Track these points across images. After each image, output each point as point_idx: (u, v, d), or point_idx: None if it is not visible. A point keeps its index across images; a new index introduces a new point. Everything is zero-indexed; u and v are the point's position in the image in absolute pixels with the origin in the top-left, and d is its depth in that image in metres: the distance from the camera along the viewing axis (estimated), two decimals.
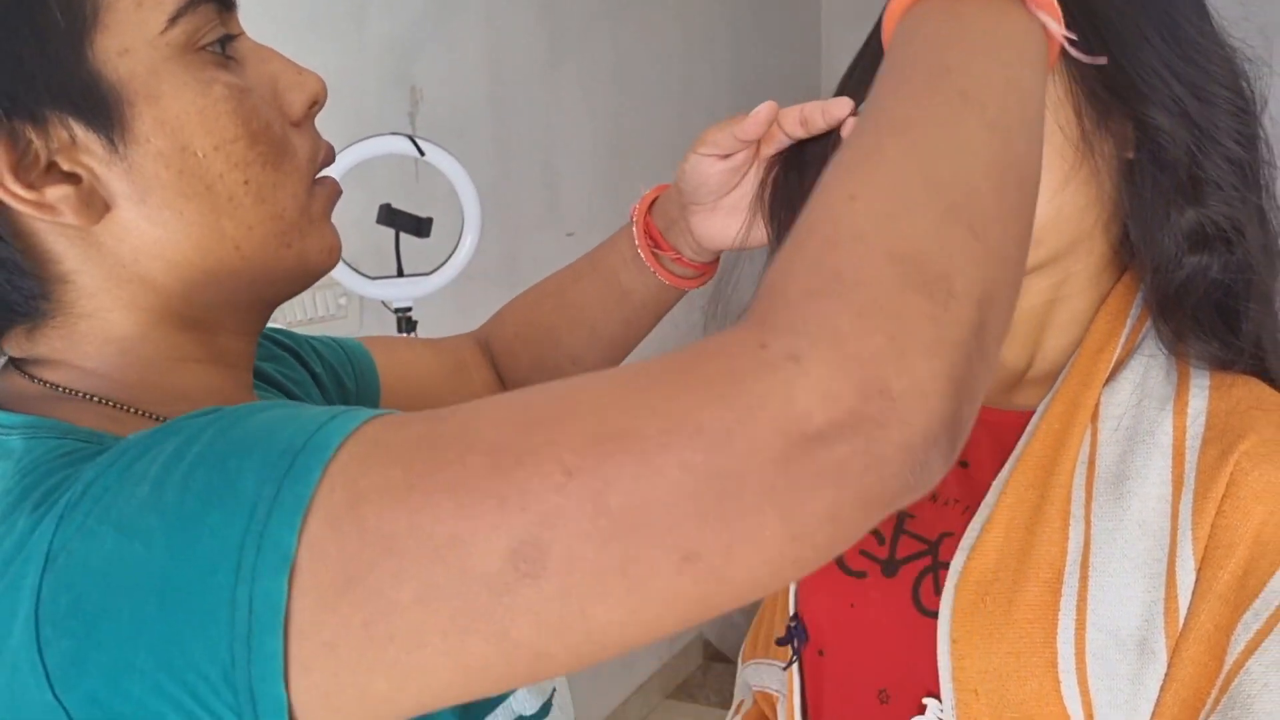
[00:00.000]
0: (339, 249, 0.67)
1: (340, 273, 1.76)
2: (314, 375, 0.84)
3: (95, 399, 0.59)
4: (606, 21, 2.94)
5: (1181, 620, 0.74)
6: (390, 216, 1.79)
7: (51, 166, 0.55)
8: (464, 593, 0.42)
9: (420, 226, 1.78)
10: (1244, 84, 0.81)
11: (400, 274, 1.80)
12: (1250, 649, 0.73)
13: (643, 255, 0.93)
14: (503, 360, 1.02)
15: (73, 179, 0.56)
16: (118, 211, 0.57)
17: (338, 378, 0.86)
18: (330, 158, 0.68)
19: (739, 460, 0.41)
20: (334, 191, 0.67)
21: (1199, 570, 0.74)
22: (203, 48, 0.58)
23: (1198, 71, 0.78)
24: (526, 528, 0.42)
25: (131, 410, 0.60)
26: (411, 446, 0.45)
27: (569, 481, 0.42)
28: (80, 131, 0.55)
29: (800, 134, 0.83)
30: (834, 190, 0.47)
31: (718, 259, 0.95)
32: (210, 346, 0.64)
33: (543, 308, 1.01)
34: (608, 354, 0.98)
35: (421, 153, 1.72)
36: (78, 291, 0.59)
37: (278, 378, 0.79)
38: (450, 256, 1.84)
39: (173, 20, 0.56)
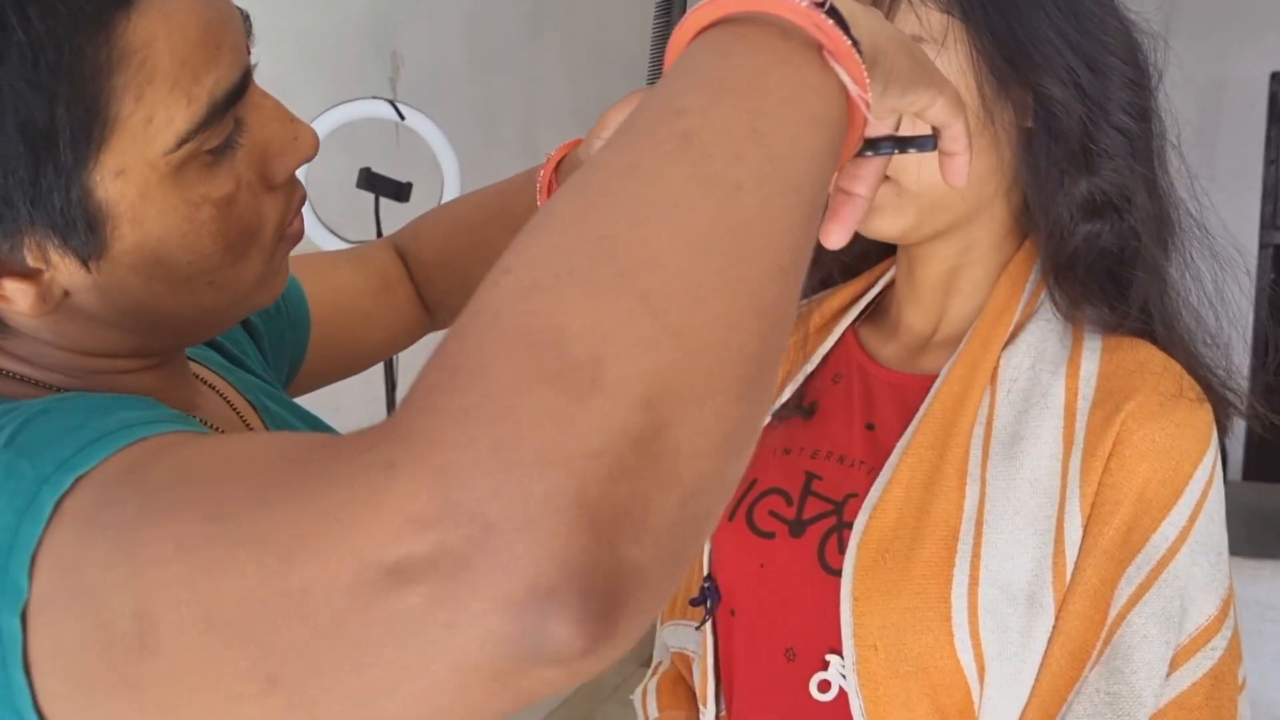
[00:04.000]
0: (285, 283, 0.66)
1: (320, 236, 1.77)
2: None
3: (35, 383, 0.59)
4: None
5: (1069, 575, 0.77)
6: (370, 181, 1.80)
7: (12, 260, 0.52)
8: (107, 649, 0.39)
9: (400, 191, 1.79)
10: (1139, 56, 0.82)
11: (380, 238, 1.81)
12: (1132, 602, 0.76)
13: None
14: (420, 279, 1.00)
15: (33, 274, 0.53)
16: (74, 297, 0.55)
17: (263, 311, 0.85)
18: (302, 201, 0.65)
19: (310, 579, 0.34)
20: (296, 239, 0.65)
21: (1086, 527, 0.77)
22: (206, 151, 0.55)
23: (1093, 43, 0.79)
24: (141, 596, 0.38)
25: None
26: (127, 493, 0.42)
27: (176, 555, 0.37)
28: (55, 249, 0.52)
29: None
30: (497, 263, 0.37)
31: None
32: (150, 360, 0.64)
33: (458, 241, 0.98)
34: None
35: (402, 117, 1.73)
36: (20, 334, 0.58)
37: None
38: None
39: (182, 141, 0.53)
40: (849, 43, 0.45)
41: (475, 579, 0.31)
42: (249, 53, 0.58)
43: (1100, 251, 0.82)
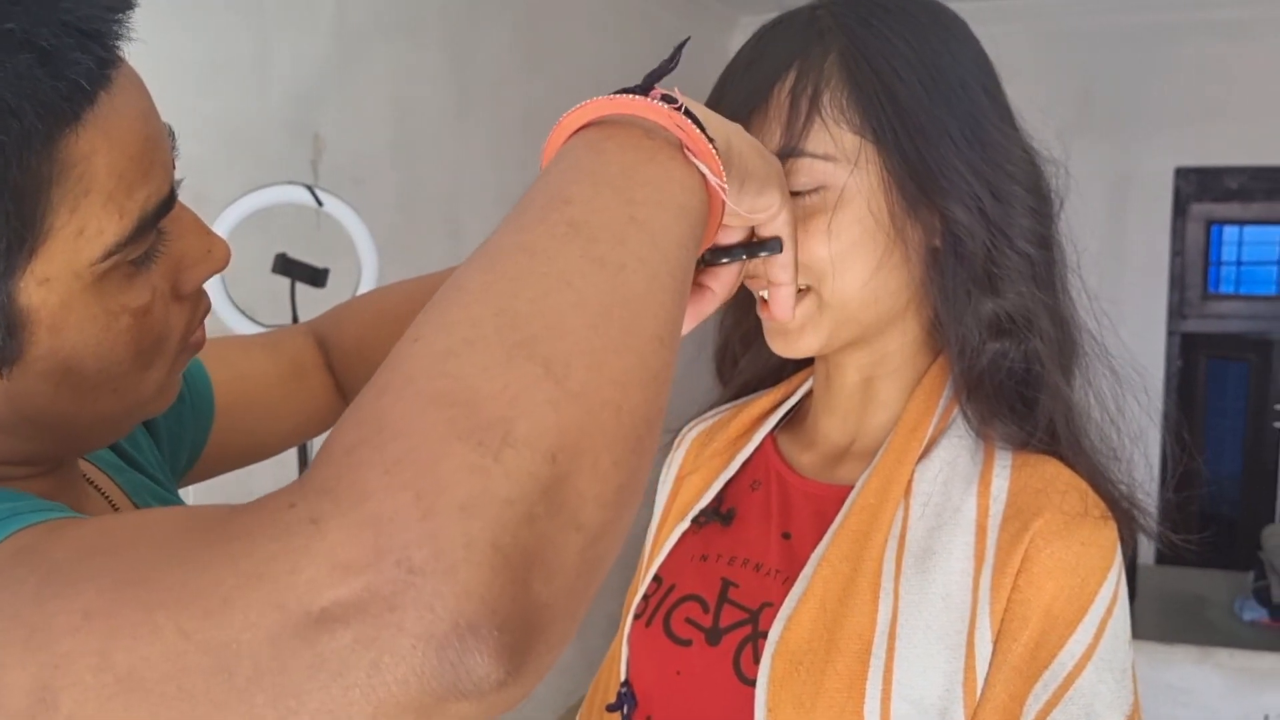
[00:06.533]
0: (177, 393, 0.66)
1: (234, 319, 1.75)
2: None
3: None
4: (515, 75, 2.98)
5: (979, 690, 0.77)
6: (286, 266, 1.78)
7: None
8: None
9: (316, 276, 1.77)
10: (1042, 184, 0.85)
11: (295, 323, 1.79)
12: (1039, 719, 0.76)
13: None
14: (340, 367, 1.00)
15: None
16: None
17: None
18: (207, 311, 0.66)
19: (233, 633, 0.35)
20: (197, 349, 0.66)
21: (996, 642, 0.78)
22: (128, 262, 0.55)
23: (996, 171, 0.81)
24: (42, 671, 0.38)
25: None
26: (24, 571, 0.42)
27: (85, 624, 0.38)
28: None
29: None
30: (407, 333, 0.41)
31: None
32: (39, 468, 0.62)
33: (381, 330, 0.97)
34: None
35: (320, 203, 1.72)
36: None
37: None
38: None
39: (109, 254, 0.53)
40: (706, 140, 0.52)
41: (402, 619, 0.34)
42: (174, 167, 0.59)
43: (1007, 371, 0.83)
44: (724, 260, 0.69)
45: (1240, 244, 4.58)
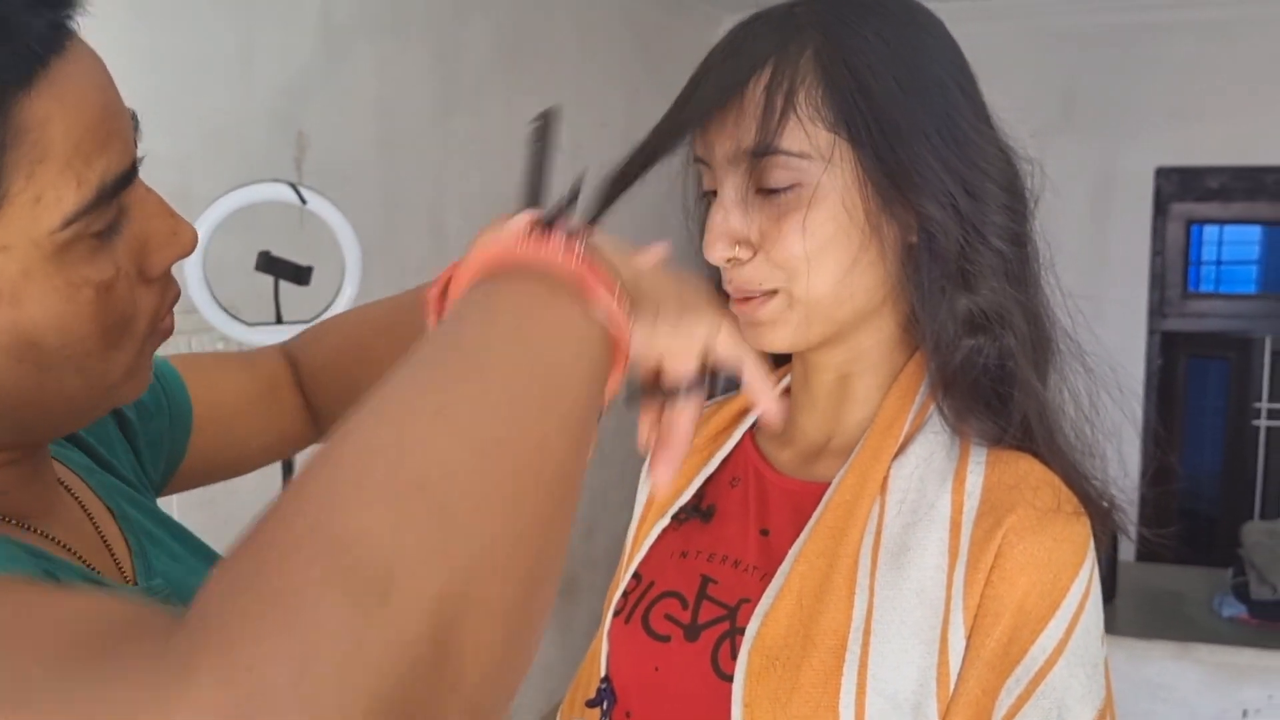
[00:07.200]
0: (148, 382, 0.66)
1: (217, 318, 1.74)
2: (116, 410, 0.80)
3: None
4: (500, 75, 2.98)
5: (953, 685, 0.78)
6: (269, 264, 1.78)
7: None
8: None
9: (300, 274, 1.77)
10: (1017, 183, 0.85)
11: (279, 321, 1.79)
12: (1011, 713, 0.77)
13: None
14: (308, 387, 1.01)
15: None
16: None
17: (140, 405, 0.84)
18: (176, 298, 0.65)
19: None
20: (165, 335, 0.65)
21: (969, 637, 0.78)
22: (91, 235, 0.55)
23: (971, 169, 0.82)
24: None
25: None
26: None
27: None
28: None
29: None
30: (300, 472, 0.40)
31: None
32: (7, 454, 0.62)
33: (346, 354, 0.99)
34: None
35: (304, 201, 1.72)
36: None
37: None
38: (330, 305, 1.83)
39: (68, 222, 0.53)
40: (607, 283, 0.53)
41: None
42: (136, 147, 0.59)
43: (982, 367, 0.84)
44: (682, 400, 0.68)
45: (1220, 243, 4.62)
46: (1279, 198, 3.87)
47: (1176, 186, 3.97)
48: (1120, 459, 0.90)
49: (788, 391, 0.98)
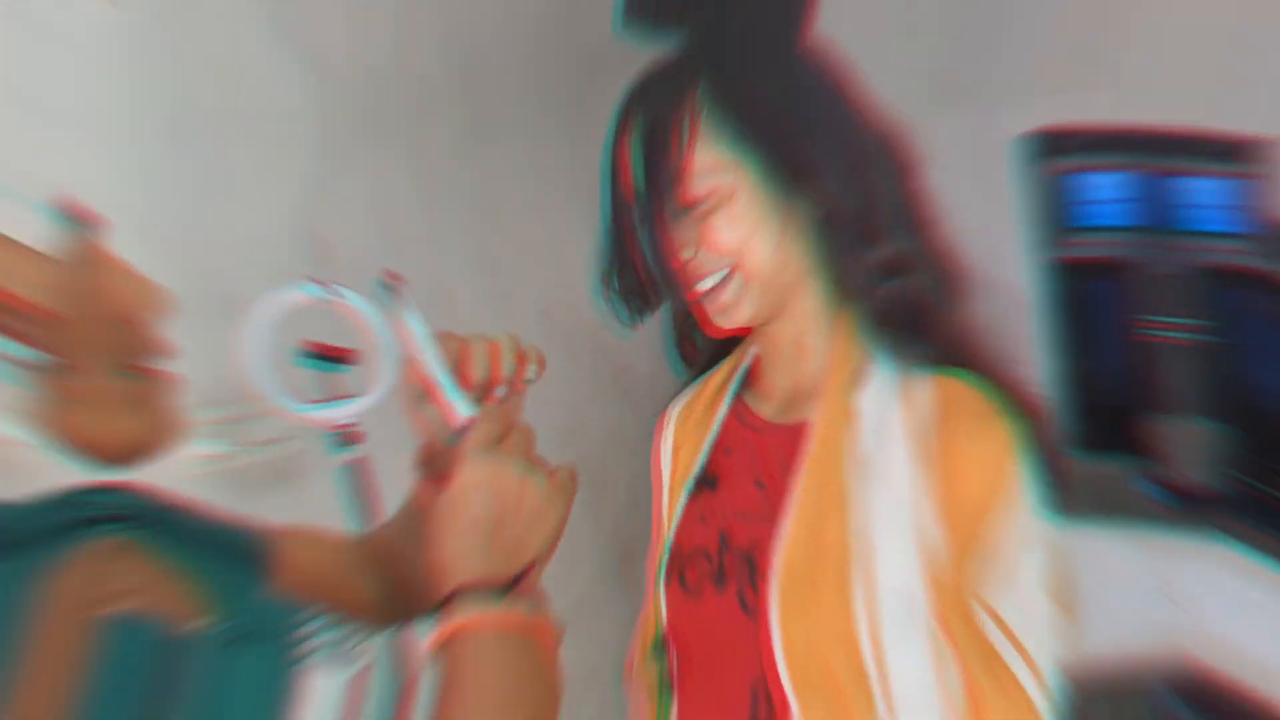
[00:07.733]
0: None
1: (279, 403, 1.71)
2: None
3: None
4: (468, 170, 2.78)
5: (933, 573, 0.88)
6: (311, 356, 1.77)
7: None
8: None
9: (344, 359, 1.76)
10: (899, 150, 0.96)
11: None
12: (983, 590, 0.88)
13: None
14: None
15: None
16: None
17: None
18: None
19: None
20: None
21: (938, 529, 0.88)
22: None
23: (853, 148, 0.93)
24: None
25: None
26: None
27: None
28: None
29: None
30: None
31: None
32: None
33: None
34: None
35: (339, 297, 1.75)
36: None
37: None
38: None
39: None
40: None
41: None
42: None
43: (903, 304, 0.94)
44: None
45: (1097, 188, 4.86)
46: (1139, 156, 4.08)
47: (1052, 146, 4.17)
48: (1038, 368, 0.97)
49: (760, 360, 1.09)
